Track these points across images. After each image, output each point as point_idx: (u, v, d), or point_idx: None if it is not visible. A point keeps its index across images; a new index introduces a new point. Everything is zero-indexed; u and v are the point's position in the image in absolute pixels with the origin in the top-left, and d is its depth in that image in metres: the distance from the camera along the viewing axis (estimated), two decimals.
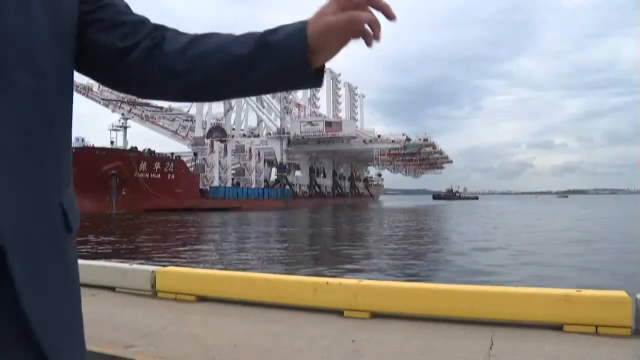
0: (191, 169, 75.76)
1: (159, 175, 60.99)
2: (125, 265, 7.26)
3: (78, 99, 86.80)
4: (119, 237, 25.24)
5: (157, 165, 61.45)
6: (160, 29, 1.10)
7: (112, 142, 72.12)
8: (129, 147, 66.43)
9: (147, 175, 58.97)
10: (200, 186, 72.33)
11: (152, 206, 53.55)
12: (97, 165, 51.40)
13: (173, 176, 63.48)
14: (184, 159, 74.83)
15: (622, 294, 4.74)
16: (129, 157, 57.97)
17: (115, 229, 30.36)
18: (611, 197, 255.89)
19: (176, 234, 30.40)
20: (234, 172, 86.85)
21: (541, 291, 5.13)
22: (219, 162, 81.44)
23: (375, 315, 5.43)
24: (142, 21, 1.11)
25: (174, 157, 68.77)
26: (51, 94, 0.96)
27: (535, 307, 4.93)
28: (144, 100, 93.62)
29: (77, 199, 1.07)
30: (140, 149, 63.57)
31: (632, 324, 4.61)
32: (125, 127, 76.22)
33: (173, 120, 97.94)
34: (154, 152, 64.41)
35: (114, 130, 75.29)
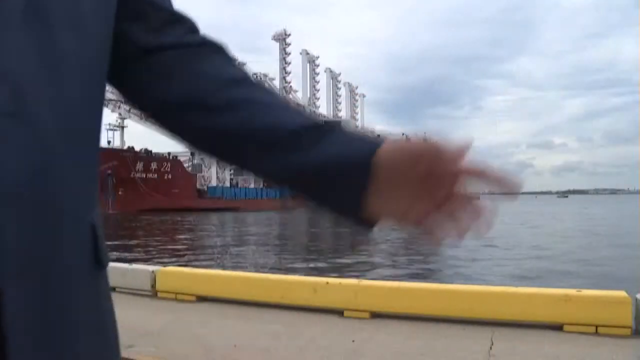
0: (189, 169, 75.65)
1: (156, 175, 60.87)
2: (125, 265, 7.25)
3: None
4: (116, 238, 25.19)
5: (153, 165, 61.31)
6: (201, 37, 0.84)
7: (108, 142, 72.05)
8: (126, 146, 66.32)
9: (143, 175, 58.86)
10: (198, 186, 72.11)
11: (148, 206, 53.39)
12: None
13: (170, 176, 63.32)
14: (182, 159, 74.78)
15: (622, 294, 4.75)
16: (125, 157, 57.76)
17: (113, 229, 30.32)
18: (611, 197, 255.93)
19: (174, 234, 30.41)
20: (231, 172, 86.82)
21: (541, 291, 5.14)
22: (217, 162, 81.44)
23: (375, 315, 5.43)
24: (180, 18, 0.83)
25: (170, 157, 68.69)
26: (96, 68, 0.72)
27: (536, 307, 4.93)
28: None
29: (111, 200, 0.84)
30: (140, 148, 63.54)
31: (632, 324, 4.61)
32: (122, 127, 76.16)
33: None
34: (151, 152, 64.23)
35: (111, 130, 75.33)
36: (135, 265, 7.34)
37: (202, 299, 6.40)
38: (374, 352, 4.36)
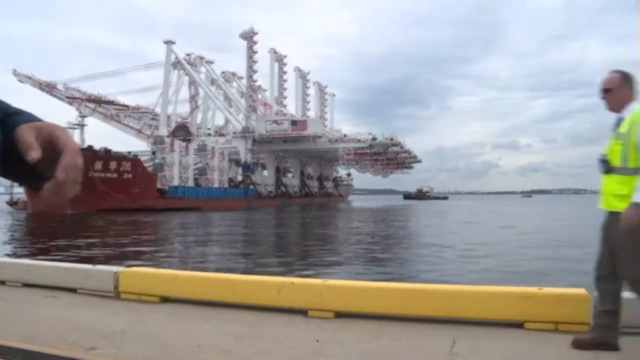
0: (150, 169, 74.72)
1: (115, 175, 59.86)
2: (87, 267, 7.14)
3: (41, 97, 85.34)
4: (77, 238, 24.81)
5: (113, 165, 60.28)
6: None
7: None
8: (85, 145, 65.20)
9: (102, 174, 57.86)
10: (159, 185, 71.31)
11: (108, 206, 52.35)
12: None
13: (130, 175, 62.33)
14: (143, 159, 73.82)
15: (582, 291, 4.84)
16: (83, 156, 56.63)
17: (72, 229, 29.83)
18: (575, 197, 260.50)
19: (136, 234, 30.08)
20: (196, 171, 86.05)
21: (503, 289, 5.20)
22: (180, 162, 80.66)
23: (340, 315, 5.45)
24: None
25: (131, 156, 67.77)
26: None
27: (497, 306, 5.00)
28: (109, 99, 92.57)
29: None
30: (99, 147, 62.49)
31: (591, 320, 4.71)
32: (82, 125, 75.01)
33: (140, 119, 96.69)
34: (110, 151, 63.23)
35: (71, 128, 74.20)
36: (98, 267, 7.22)
37: (165, 299, 6.35)
38: (338, 352, 4.38)
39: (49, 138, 0.95)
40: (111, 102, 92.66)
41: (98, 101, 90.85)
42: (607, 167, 4.15)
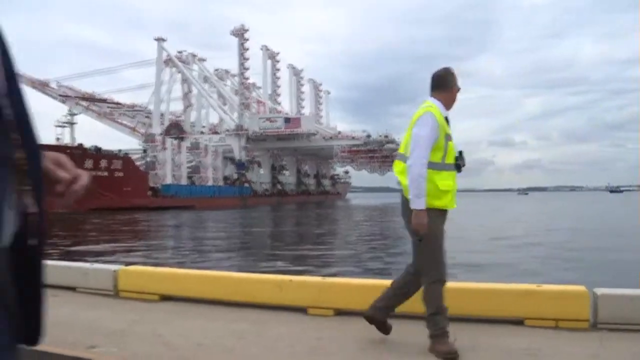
0: (142, 167, 74.43)
1: (106, 173, 59.55)
2: (86, 265, 7.13)
3: (34, 95, 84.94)
4: (68, 237, 24.70)
5: (103, 163, 59.96)
6: None
7: (57, 139, 70.41)
8: (76, 143, 64.88)
9: (93, 173, 57.67)
10: (151, 184, 71.05)
11: (99, 205, 51.92)
12: None
13: (121, 174, 62.04)
14: (134, 157, 73.54)
15: (581, 288, 4.86)
16: (72, 154, 56.35)
17: (64, 228, 29.72)
18: (571, 194, 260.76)
19: (131, 233, 30.06)
20: (189, 169, 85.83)
21: (502, 287, 5.22)
22: (172, 160, 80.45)
23: (340, 313, 5.46)
24: None
25: (122, 155, 67.54)
26: None
27: (497, 303, 5.02)
28: (103, 97, 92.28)
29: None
30: (89, 146, 62.22)
31: (590, 317, 4.73)
32: (72, 123, 74.69)
33: (134, 117, 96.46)
34: (101, 149, 62.95)
35: (60, 126, 73.90)
36: (97, 265, 7.21)
37: (165, 298, 6.35)
38: (338, 350, 4.38)
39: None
40: (104, 100, 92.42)
41: (91, 99, 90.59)
42: None
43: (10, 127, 1.01)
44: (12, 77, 1.05)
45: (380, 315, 4.45)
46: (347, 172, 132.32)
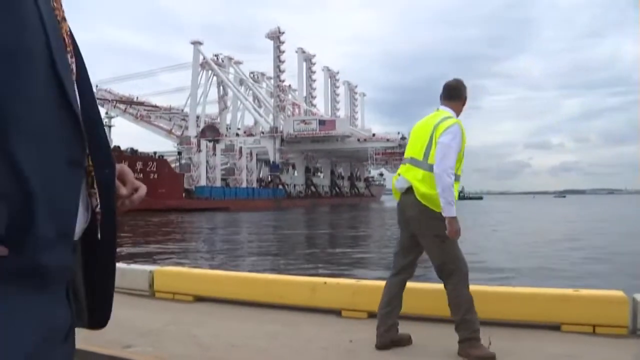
0: (176, 169, 75.11)
1: (142, 175, 59.94)
2: (123, 265, 7.22)
3: None
4: None
5: (139, 165, 60.60)
6: None
7: None
8: (113, 145, 65.88)
9: None
10: (186, 186, 71.62)
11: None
12: None
13: (156, 176, 62.56)
14: (169, 159, 74.27)
15: (619, 293, 4.75)
16: None
17: None
18: (609, 197, 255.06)
19: (166, 234, 30.34)
20: (224, 172, 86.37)
21: (539, 291, 5.14)
22: (207, 162, 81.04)
23: (373, 315, 5.42)
24: None
25: (157, 157, 68.30)
26: None
27: (534, 307, 4.94)
28: (140, 100, 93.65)
29: None
30: (125, 148, 63.08)
31: (629, 323, 4.63)
32: (110, 126, 75.82)
33: (170, 119, 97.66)
34: (137, 151, 63.74)
35: None
36: (133, 265, 7.32)
37: (199, 299, 6.40)
38: (371, 353, 4.36)
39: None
40: (141, 103, 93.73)
41: (129, 102, 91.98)
42: None
43: (84, 133, 1.01)
44: (85, 82, 1.08)
45: (390, 337, 4.41)
46: (381, 175, 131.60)
